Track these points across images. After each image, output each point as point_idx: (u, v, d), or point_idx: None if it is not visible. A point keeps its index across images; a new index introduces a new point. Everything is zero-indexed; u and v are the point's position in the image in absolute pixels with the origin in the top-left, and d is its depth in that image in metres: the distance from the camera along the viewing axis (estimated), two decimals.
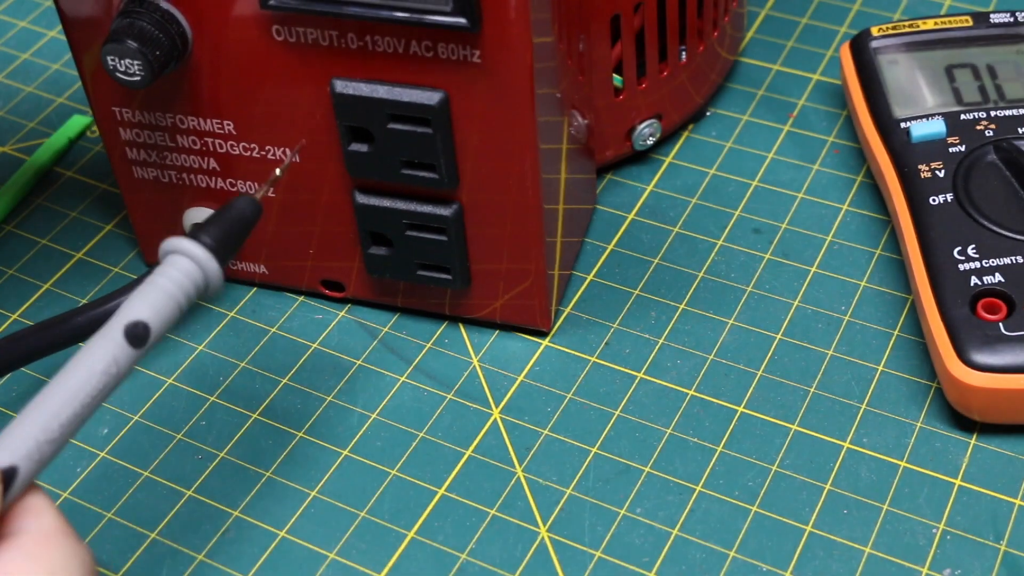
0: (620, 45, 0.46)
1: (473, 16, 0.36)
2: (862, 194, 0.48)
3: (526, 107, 0.38)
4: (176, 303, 0.33)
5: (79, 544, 0.30)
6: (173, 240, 0.34)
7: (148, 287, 0.33)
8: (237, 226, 0.35)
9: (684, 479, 0.40)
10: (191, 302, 0.33)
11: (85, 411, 0.31)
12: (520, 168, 0.40)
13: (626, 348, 0.44)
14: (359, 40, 0.38)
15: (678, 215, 0.48)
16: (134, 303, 0.32)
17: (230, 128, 0.42)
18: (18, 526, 0.29)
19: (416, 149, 0.40)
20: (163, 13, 0.39)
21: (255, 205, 0.36)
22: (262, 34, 0.39)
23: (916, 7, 0.56)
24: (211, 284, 0.34)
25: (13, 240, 0.49)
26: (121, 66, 0.39)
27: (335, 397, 0.43)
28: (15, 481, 0.29)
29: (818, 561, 0.38)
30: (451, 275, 0.43)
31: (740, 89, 0.53)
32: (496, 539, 0.39)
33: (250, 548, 0.40)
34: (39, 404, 0.30)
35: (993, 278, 0.41)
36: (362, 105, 0.39)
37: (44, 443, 0.30)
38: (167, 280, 0.33)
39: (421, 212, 0.41)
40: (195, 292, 0.33)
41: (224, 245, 0.34)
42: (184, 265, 0.33)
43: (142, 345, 0.32)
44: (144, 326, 0.32)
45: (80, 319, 0.42)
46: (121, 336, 0.31)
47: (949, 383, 0.40)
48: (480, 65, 0.38)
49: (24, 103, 0.55)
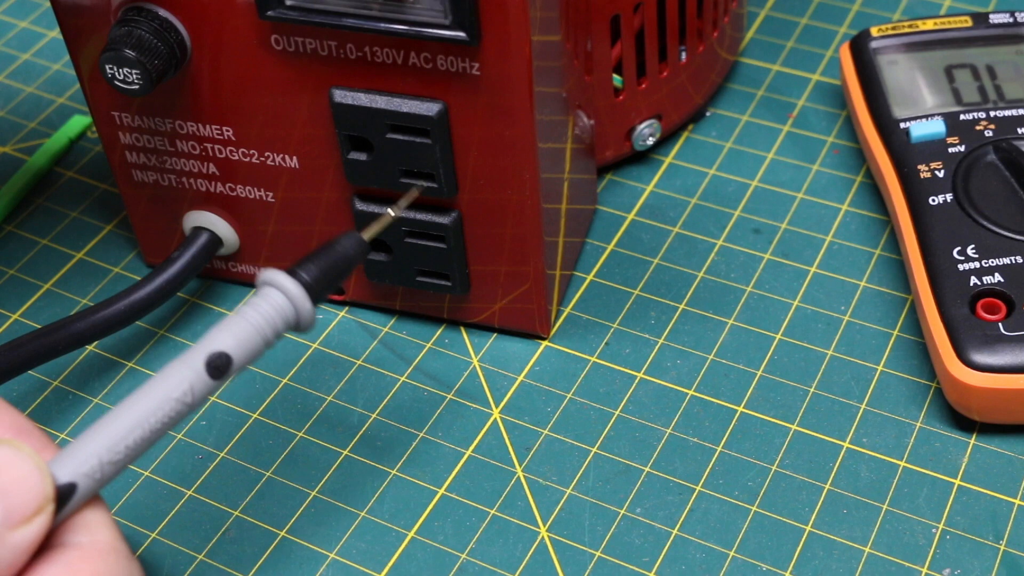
0: (620, 45, 0.46)
1: (472, 30, 0.36)
2: (862, 194, 0.48)
3: (526, 119, 0.38)
4: (263, 338, 0.32)
5: (129, 562, 0.30)
6: (269, 272, 0.33)
7: (236, 318, 0.32)
8: (339, 264, 0.34)
9: (684, 479, 0.40)
10: (279, 337, 0.33)
11: (153, 436, 0.30)
12: (519, 179, 0.40)
13: (626, 348, 0.44)
14: (358, 50, 0.38)
15: (678, 215, 0.48)
16: (220, 333, 0.32)
17: (229, 134, 0.42)
18: (69, 539, 0.29)
19: (415, 159, 0.40)
20: (161, 21, 0.39)
21: (361, 244, 0.35)
22: (261, 43, 0.39)
23: (916, 7, 0.56)
24: (302, 322, 0.33)
25: (13, 240, 0.49)
26: (120, 75, 0.39)
27: (335, 397, 0.43)
28: (72, 499, 0.29)
29: (818, 561, 0.38)
30: (450, 281, 0.43)
31: (740, 89, 0.53)
32: (496, 539, 0.39)
33: (250, 548, 0.40)
34: (109, 423, 0.30)
35: (993, 278, 0.41)
36: (361, 115, 0.39)
37: (107, 464, 0.30)
38: (257, 314, 0.32)
39: (420, 220, 0.41)
40: (284, 328, 0.33)
41: (321, 283, 0.33)
42: (276, 300, 0.33)
43: (221, 376, 0.31)
44: (227, 358, 0.31)
45: (80, 324, 0.42)
46: (202, 366, 0.31)
47: (949, 383, 0.40)
48: (479, 77, 0.37)
49: (24, 103, 0.55)
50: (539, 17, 0.37)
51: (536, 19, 0.36)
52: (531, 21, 0.36)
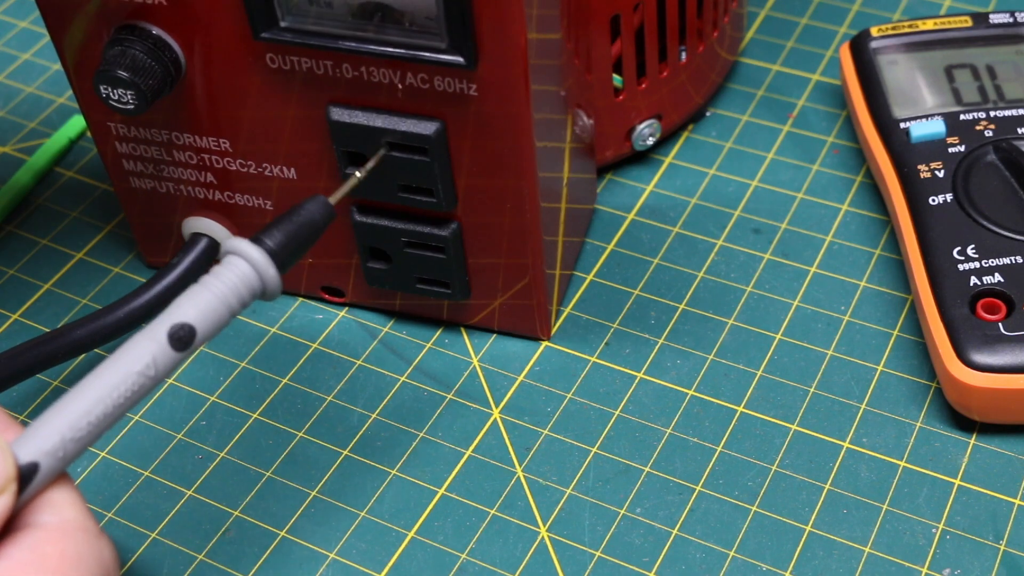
0: (620, 44, 0.46)
1: (470, 54, 0.36)
2: (862, 194, 0.48)
3: (524, 136, 0.38)
4: (227, 307, 0.32)
5: (98, 541, 0.29)
6: (233, 241, 0.32)
7: (199, 288, 0.32)
8: (304, 231, 0.34)
9: (684, 479, 0.40)
10: (245, 306, 0.32)
11: (117, 411, 0.30)
12: (518, 190, 0.39)
13: (626, 348, 0.44)
14: (354, 70, 0.38)
15: (678, 215, 0.48)
16: (183, 304, 0.31)
17: (226, 145, 0.42)
18: (34, 519, 0.29)
19: (413, 175, 0.39)
20: (155, 40, 0.39)
21: (327, 209, 0.34)
22: (256, 61, 0.39)
23: (916, 7, 0.56)
24: (268, 290, 0.33)
25: (13, 240, 0.49)
26: (114, 95, 0.38)
27: (335, 397, 0.43)
28: (35, 478, 0.29)
29: (818, 561, 0.38)
30: (450, 289, 0.43)
31: (740, 89, 0.53)
32: (496, 539, 0.39)
33: (250, 548, 0.40)
34: (70, 400, 0.29)
35: (992, 278, 0.41)
36: (358, 132, 0.39)
37: (70, 441, 0.29)
38: (220, 283, 0.32)
39: (419, 231, 0.41)
40: (250, 297, 0.32)
41: (286, 250, 0.33)
42: (241, 268, 0.32)
43: (185, 348, 0.31)
44: (190, 329, 0.31)
45: (80, 332, 0.41)
46: (164, 337, 0.31)
47: (949, 383, 0.40)
48: (477, 98, 0.37)
49: (24, 103, 0.55)
50: (538, 15, 0.37)
51: (534, 17, 0.36)
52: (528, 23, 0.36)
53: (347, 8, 0.37)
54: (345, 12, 0.37)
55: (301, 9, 0.37)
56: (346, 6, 0.37)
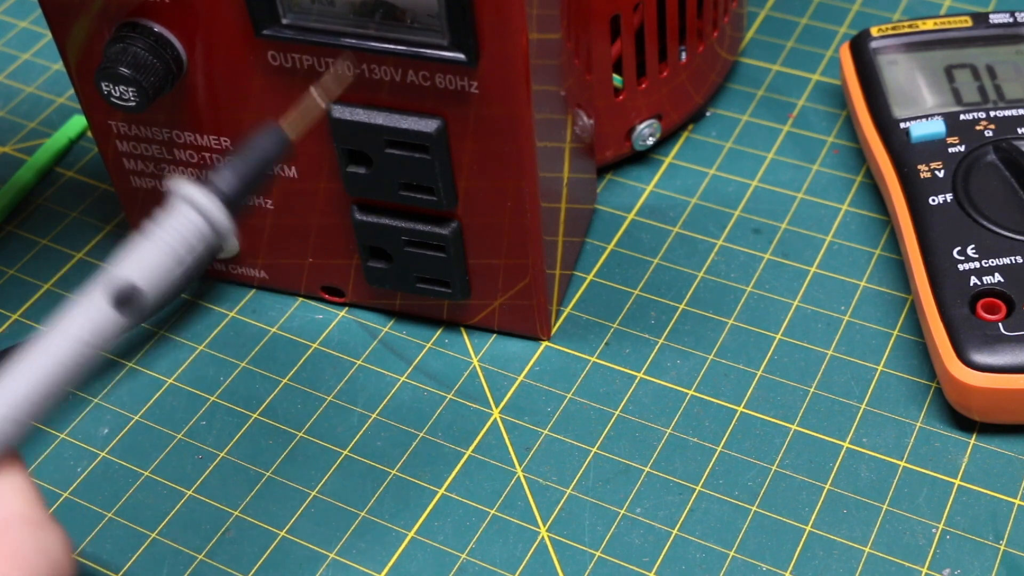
0: (620, 44, 0.46)
1: (471, 51, 0.36)
2: (862, 194, 0.48)
3: (525, 134, 0.38)
4: (175, 259, 0.29)
5: (44, 532, 0.27)
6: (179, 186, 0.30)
7: (140, 242, 0.29)
8: (259, 167, 0.31)
9: (684, 479, 0.40)
10: (198, 258, 0.29)
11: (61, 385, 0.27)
12: (519, 190, 0.39)
13: (626, 348, 0.44)
14: (355, 68, 0.38)
15: (678, 215, 0.48)
16: (123, 262, 0.28)
17: (227, 144, 0.42)
18: None
19: (414, 173, 0.39)
20: (157, 37, 0.39)
21: (281, 139, 0.31)
22: (257, 59, 0.39)
23: (916, 7, 0.56)
24: (219, 236, 0.29)
25: (13, 240, 0.49)
26: (116, 92, 0.39)
27: (335, 397, 0.43)
28: None
29: (818, 561, 0.38)
30: (450, 288, 0.43)
31: (740, 89, 0.53)
32: (496, 539, 0.39)
33: (250, 548, 0.40)
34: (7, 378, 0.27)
35: (992, 278, 0.41)
36: (359, 130, 0.39)
37: (9, 421, 0.26)
38: (164, 233, 0.29)
39: (420, 230, 0.41)
40: (201, 246, 0.29)
41: (239, 191, 0.30)
42: (187, 216, 0.29)
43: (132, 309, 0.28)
44: (132, 287, 0.28)
45: None
46: (105, 300, 0.28)
47: (949, 383, 0.40)
48: (478, 96, 0.37)
49: (24, 103, 0.55)
50: (538, 15, 0.37)
51: (534, 16, 0.36)
52: (529, 21, 0.36)
53: (349, 5, 0.37)
54: (347, 9, 0.37)
55: (303, 6, 0.37)
56: (348, 3, 0.37)
